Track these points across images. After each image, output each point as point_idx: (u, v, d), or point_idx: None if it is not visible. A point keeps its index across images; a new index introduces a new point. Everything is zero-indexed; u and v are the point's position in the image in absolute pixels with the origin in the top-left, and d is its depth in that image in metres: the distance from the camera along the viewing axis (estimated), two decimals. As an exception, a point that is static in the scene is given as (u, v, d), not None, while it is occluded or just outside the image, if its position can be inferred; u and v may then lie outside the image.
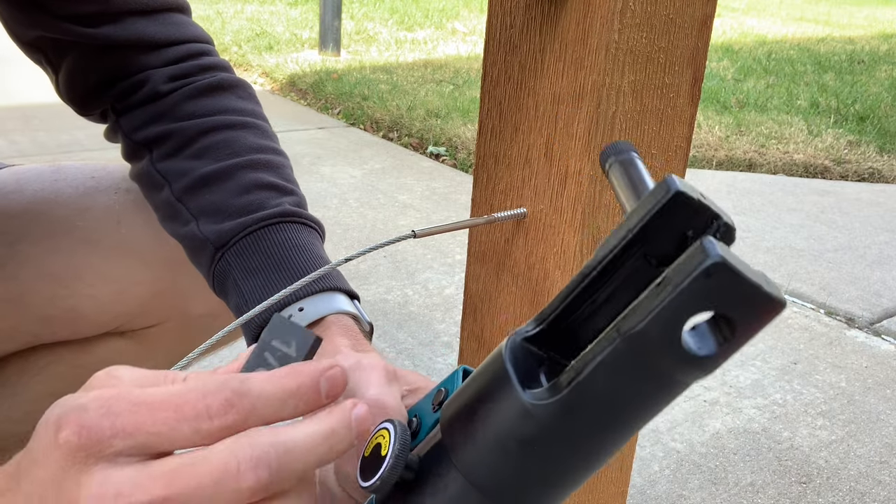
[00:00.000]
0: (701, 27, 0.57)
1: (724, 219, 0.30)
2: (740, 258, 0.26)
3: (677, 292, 0.26)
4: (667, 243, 0.30)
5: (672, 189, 0.29)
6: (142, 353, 0.84)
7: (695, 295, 0.26)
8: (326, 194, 2.68)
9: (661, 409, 0.30)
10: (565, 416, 0.30)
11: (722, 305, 0.27)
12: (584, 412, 0.30)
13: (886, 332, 1.97)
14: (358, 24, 6.19)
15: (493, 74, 0.62)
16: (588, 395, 0.29)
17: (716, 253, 0.26)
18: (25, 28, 0.71)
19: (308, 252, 0.64)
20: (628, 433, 0.31)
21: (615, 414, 0.30)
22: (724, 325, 0.27)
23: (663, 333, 0.27)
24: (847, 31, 7.37)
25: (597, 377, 0.29)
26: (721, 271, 0.26)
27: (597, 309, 0.32)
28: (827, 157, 3.35)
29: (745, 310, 0.27)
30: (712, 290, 0.26)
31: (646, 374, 0.29)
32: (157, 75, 0.71)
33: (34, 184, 0.78)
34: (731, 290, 0.26)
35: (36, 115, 3.34)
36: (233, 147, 0.69)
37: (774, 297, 0.26)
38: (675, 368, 0.28)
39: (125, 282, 0.78)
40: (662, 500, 1.33)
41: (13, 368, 0.80)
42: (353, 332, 0.59)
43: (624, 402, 0.30)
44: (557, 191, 0.58)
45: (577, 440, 0.31)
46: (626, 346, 0.28)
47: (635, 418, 0.30)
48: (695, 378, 0.28)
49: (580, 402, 0.30)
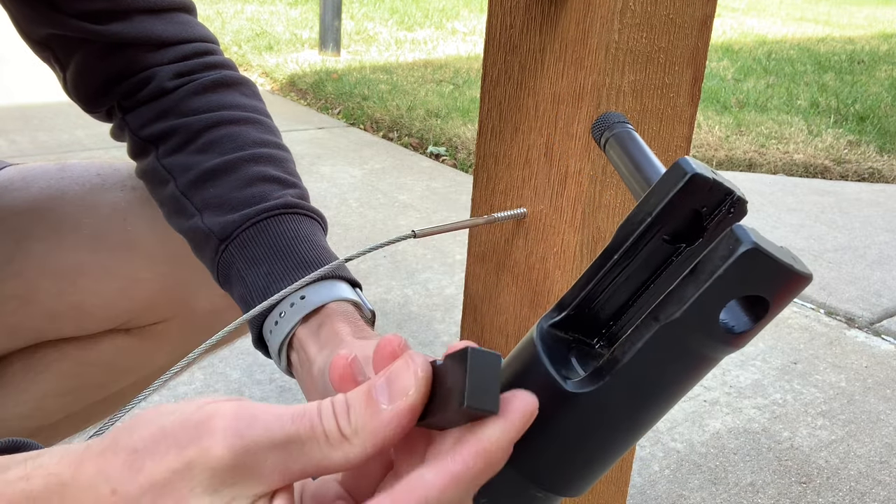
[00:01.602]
0: (701, 27, 0.57)
1: (737, 193, 0.31)
2: (766, 238, 0.27)
3: (714, 279, 0.27)
4: (680, 220, 0.31)
5: (689, 172, 0.30)
6: (146, 349, 0.85)
7: (731, 281, 0.27)
8: (326, 194, 2.68)
9: (695, 384, 0.31)
10: (608, 400, 0.31)
11: (756, 288, 0.27)
12: (625, 395, 0.31)
13: (886, 332, 1.97)
14: (358, 24, 6.19)
15: (493, 74, 0.62)
16: (629, 380, 0.30)
17: (749, 239, 0.26)
18: (35, 26, 0.72)
19: (310, 242, 0.65)
20: (665, 409, 0.32)
21: (654, 393, 0.31)
22: (758, 302, 0.28)
23: (702, 319, 0.28)
24: (847, 31, 7.37)
25: (637, 363, 0.30)
26: (755, 257, 0.26)
27: (616, 288, 0.33)
28: (827, 157, 3.35)
29: (777, 289, 0.28)
30: (747, 275, 0.27)
31: (683, 354, 0.29)
32: (162, 72, 0.73)
33: (40, 181, 0.79)
34: (765, 273, 0.27)
35: (36, 115, 3.34)
36: (236, 141, 0.70)
37: (804, 273, 0.27)
38: (710, 347, 0.29)
39: (131, 278, 0.79)
40: (662, 499, 1.33)
41: (17, 366, 0.80)
42: (354, 320, 0.60)
43: (662, 382, 0.31)
44: (557, 191, 0.58)
45: (618, 420, 0.32)
46: (665, 332, 0.29)
47: (672, 395, 0.31)
48: (728, 353, 0.29)
49: (622, 387, 0.31)
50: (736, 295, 0.27)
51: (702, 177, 0.30)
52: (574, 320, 0.34)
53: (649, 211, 0.31)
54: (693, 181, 0.30)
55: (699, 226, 0.31)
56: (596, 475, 0.34)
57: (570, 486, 0.33)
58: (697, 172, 0.30)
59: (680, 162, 0.30)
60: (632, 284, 0.33)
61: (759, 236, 0.27)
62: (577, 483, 0.33)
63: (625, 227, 0.32)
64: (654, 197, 0.31)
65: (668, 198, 0.30)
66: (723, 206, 0.31)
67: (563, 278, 0.59)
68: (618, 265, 0.32)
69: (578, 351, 0.34)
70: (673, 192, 0.30)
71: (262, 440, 0.29)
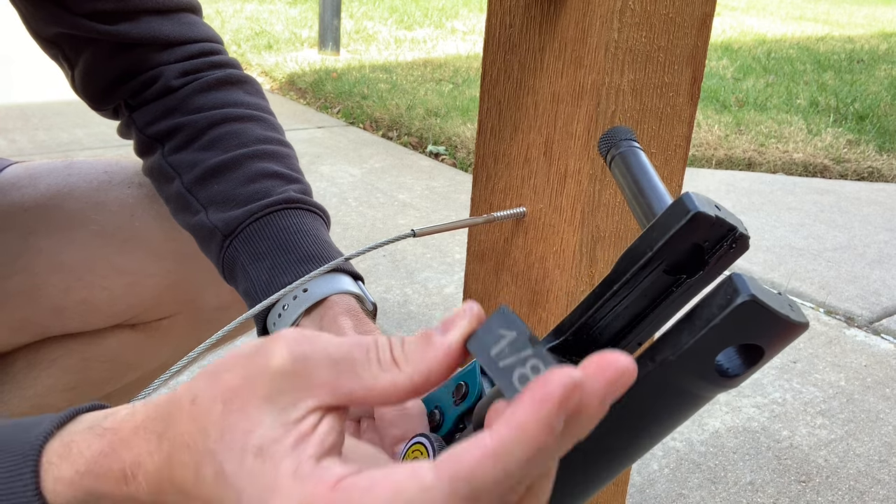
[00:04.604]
0: (700, 26, 0.57)
1: (740, 230, 0.31)
2: (763, 287, 0.27)
3: (710, 328, 0.28)
4: (681, 254, 0.32)
5: (692, 210, 0.30)
6: (152, 345, 0.85)
7: (727, 330, 0.28)
8: (326, 193, 2.68)
9: (688, 419, 0.32)
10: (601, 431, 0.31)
11: (752, 337, 0.28)
12: (618, 428, 0.32)
13: (886, 331, 1.97)
14: (357, 23, 6.19)
15: (492, 73, 0.63)
16: (622, 414, 0.31)
17: (747, 290, 0.27)
18: (45, 24, 0.73)
19: (312, 236, 0.66)
20: (656, 441, 0.33)
21: (646, 427, 0.32)
22: (752, 349, 0.29)
23: (696, 363, 0.29)
24: (846, 31, 7.37)
25: (631, 398, 0.30)
26: (752, 307, 0.27)
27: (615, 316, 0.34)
28: (826, 156, 3.35)
29: (772, 338, 0.28)
30: (743, 325, 0.27)
31: (676, 394, 0.30)
32: (168, 71, 0.74)
33: (47, 178, 0.80)
34: (761, 323, 0.27)
35: (36, 115, 3.34)
36: (240, 138, 0.71)
37: (799, 323, 0.28)
38: (703, 388, 0.30)
39: (138, 274, 0.80)
40: (662, 498, 1.33)
41: (22, 362, 0.81)
42: (355, 312, 0.61)
43: (655, 418, 0.31)
44: (557, 190, 0.58)
45: (609, 451, 0.33)
46: (660, 373, 0.29)
47: (663, 429, 0.32)
48: (719, 393, 0.30)
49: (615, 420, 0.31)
50: (731, 343, 0.28)
51: (704, 215, 0.30)
52: (572, 345, 0.34)
53: (651, 245, 0.31)
54: (696, 219, 0.30)
55: (700, 259, 0.32)
56: (587, 497, 0.35)
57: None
58: (700, 211, 0.30)
59: (684, 198, 0.30)
60: (630, 312, 0.33)
61: (756, 286, 0.27)
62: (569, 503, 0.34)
63: (626, 259, 0.32)
64: (657, 232, 0.31)
65: (670, 234, 0.30)
66: (725, 242, 0.31)
67: (562, 277, 0.60)
68: (617, 294, 0.33)
69: None
70: (675, 228, 0.30)
71: (320, 352, 0.31)
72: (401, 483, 0.27)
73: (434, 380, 0.31)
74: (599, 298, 0.33)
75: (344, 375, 0.31)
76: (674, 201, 0.31)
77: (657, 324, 0.33)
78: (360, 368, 0.31)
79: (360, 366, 0.31)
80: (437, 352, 0.30)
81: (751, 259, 2.35)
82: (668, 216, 0.31)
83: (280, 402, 0.31)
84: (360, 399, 0.31)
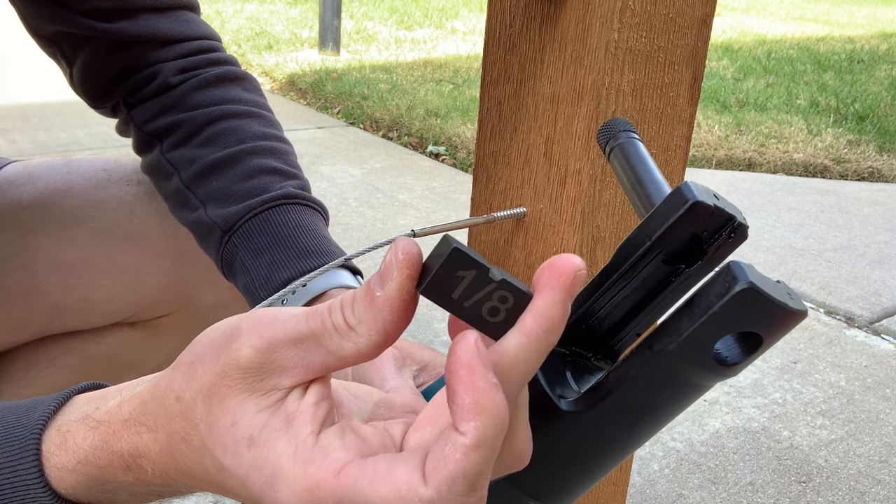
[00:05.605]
0: (700, 26, 0.57)
1: (738, 219, 0.31)
2: (762, 275, 0.27)
3: (709, 316, 0.27)
4: (680, 244, 0.31)
5: (690, 199, 0.30)
6: (151, 343, 0.85)
7: (726, 318, 0.27)
8: (326, 193, 2.68)
9: (687, 408, 0.32)
10: (601, 421, 0.32)
11: (751, 325, 0.28)
12: (617, 417, 0.32)
13: (886, 332, 1.97)
14: (357, 24, 6.19)
15: (492, 74, 0.62)
16: (621, 404, 0.31)
17: (745, 278, 0.27)
18: (43, 22, 0.73)
19: (311, 231, 0.67)
20: (655, 430, 0.33)
21: (645, 416, 0.32)
22: (751, 337, 0.29)
23: (695, 352, 0.29)
24: (847, 31, 7.37)
25: (630, 388, 0.31)
26: (751, 295, 0.27)
27: (614, 306, 0.34)
28: (826, 157, 3.35)
29: (771, 326, 0.28)
30: (742, 313, 0.27)
31: (675, 383, 0.30)
32: (167, 68, 0.74)
33: (46, 176, 0.80)
34: (760, 311, 0.27)
35: (35, 115, 3.33)
36: (238, 135, 0.72)
37: (798, 310, 0.28)
38: (702, 377, 0.30)
39: (137, 272, 0.80)
40: (662, 499, 1.33)
41: (21, 363, 0.81)
42: None
43: (654, 407, 0.32)
44: (557, 190, 0.58)
45: (609, 440, 0.33)
46: (659, 361, 0.29)
47: (662, 418, 0.32)
48: (719, 381, 0.30)
49: (614, 410, 0.31)
50: (730, 331, 0.28)
51: (703, 204, 0.30)
52: (571, 335, 0.34)
53: (649, 235, 0.31)
54: (694, 208, 0.30)
55: (699, 249, 0.32)
56: (586, 488, 0.35)
57: (561, 497, 0.34)
58: (699, 200, 0.30)
59: (682, 188, 0.30)
60: (629, 303, 0.33)
61: (754, 273, 0.27)
62: (568, 494, 0.35)
63: (624, 249, 0.32)
64: (655, 221, 0.31)
65: (668, 223, 0.30)
66: (723, 231, 0.31)
67: (562, 277, 0.59)
68: (616, 284, 0.33)
69: (574, 364, 0.34)
70: (673, 218, 0.30)
71: (281, 337, 0.31)
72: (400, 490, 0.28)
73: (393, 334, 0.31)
74: (598, 289, 0.33)
75: (311, 352, 0.31)
76: (672, 191, 0.31)
77: (656, 314, 0.33)
78: (324, 341, 0.31)
79: (322, 338, 0.31)
80: (381, 311, 0.30)
81: (751, 259, 2.35)
82: (666, 205, 0.31)
83: (258, 390, 0.31)
84: (334, 366, 0.32)
